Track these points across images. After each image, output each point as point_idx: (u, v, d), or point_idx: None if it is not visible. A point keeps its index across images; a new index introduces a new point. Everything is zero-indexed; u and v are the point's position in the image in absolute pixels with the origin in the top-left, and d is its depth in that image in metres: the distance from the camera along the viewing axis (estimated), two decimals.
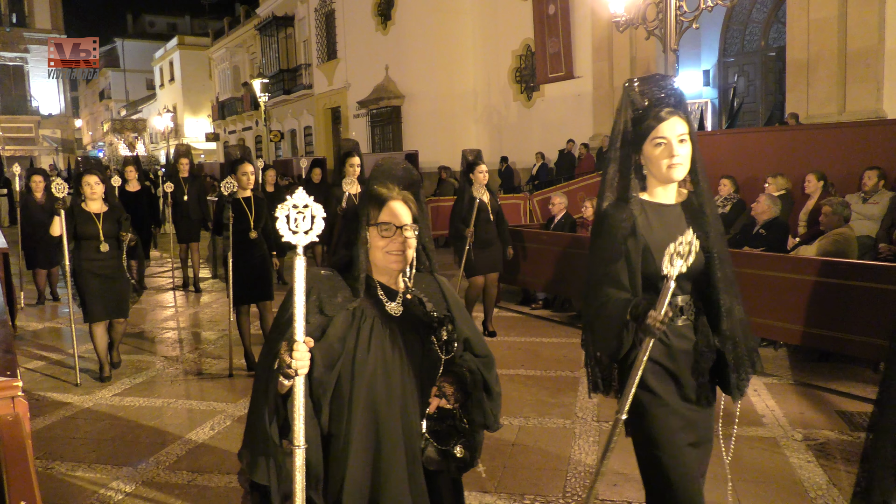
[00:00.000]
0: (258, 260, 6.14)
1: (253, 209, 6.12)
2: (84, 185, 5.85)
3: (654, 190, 2.49)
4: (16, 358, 2.59)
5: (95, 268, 5.87)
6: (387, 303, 2.05)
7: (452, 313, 2.11)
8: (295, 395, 1.72)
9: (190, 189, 10.11)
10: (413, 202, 2.07)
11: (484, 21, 20.86)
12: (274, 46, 31.53)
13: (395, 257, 2.01)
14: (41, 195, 9.34)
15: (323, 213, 1.68)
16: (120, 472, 4.32)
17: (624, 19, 8.39)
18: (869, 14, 11.33)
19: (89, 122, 66.97)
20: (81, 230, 5.83)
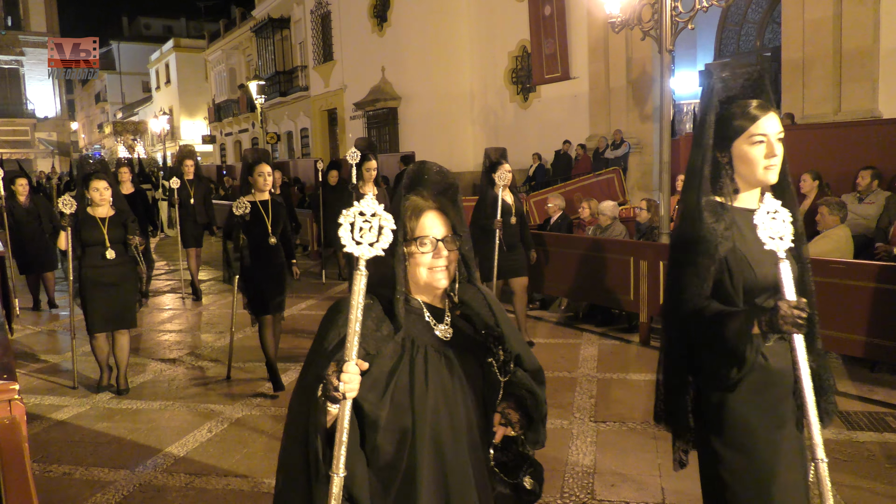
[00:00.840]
0: (276, 269, 5.72)
1: (270, 213, 5.67)
2: (92, 191, 5.55)
3: (741, 193, 2.24)
4: (13, 361, 2.59)
5: (100, 275, 5.57)
6: (435, 326, 1.86)
7: (502, 328, 1.92)
8: (339, 420, 1.55)
9: (196, 191, 9.79)
10: (451, 209, 1.88)
11: (480, 22, 20.87)
12: (270, 48, 31.51)
13: (440, 274, 1.82)
14: (25, 199, 9.15)
15: (393, 224, 1.52)
16: (117, 474, 4.31)
17: (619, 20, 8.40)
18: (864, 14, 11.36)
19: (85, 125, 66.87)
20: (86, 236, 5.55)
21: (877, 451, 4.30)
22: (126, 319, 5.75)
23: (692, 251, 2.16)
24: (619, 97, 16.24)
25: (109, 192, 5.61)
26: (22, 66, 41.81)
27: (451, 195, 1.89)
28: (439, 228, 1.83)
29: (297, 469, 1.70)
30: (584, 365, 6.27)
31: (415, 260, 1.81)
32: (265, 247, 5.63)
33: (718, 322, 2.07)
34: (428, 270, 1.81)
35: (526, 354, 1.95)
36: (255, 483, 4.12)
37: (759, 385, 2.13)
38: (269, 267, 5.67)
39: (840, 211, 6.32)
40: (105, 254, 5.55)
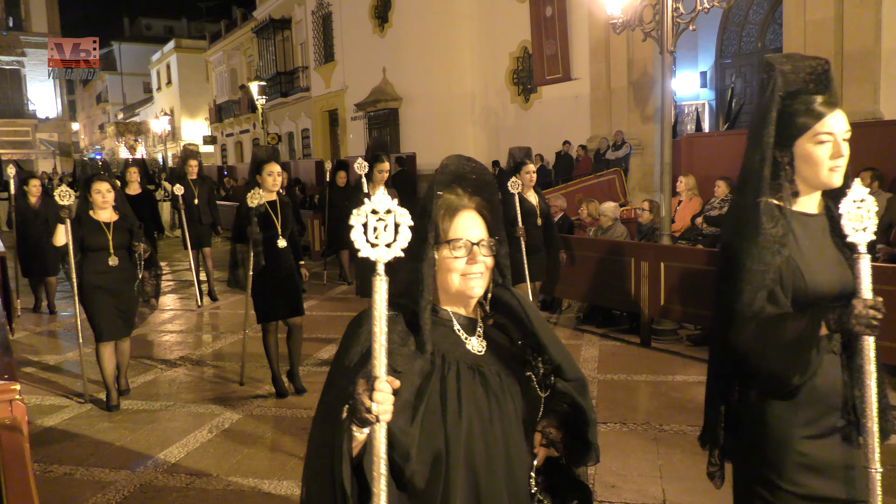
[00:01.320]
0: (286, 271, 5.51)
1: (279, 214, 5.48)
2: (94, 193, 5.28)
3: (800, 197, 2.08)
4: (14, 361, 2.59)
5: (104, 282, 5.32)
6: (467, 339, 1.67)
7: (540, 336, 1.72)
8: (374, 448, 1.35)
9: (200, 192, 9.70)
10: (487, 210, 1.69)
11: (481, 23, 20.88)
12: (271, 49, 31.53)
13: (475, 282, 1.63)
14: (36, 200, 9.02)
15: (409, 220, 1.36)
16: (118, 475, 4.31)
17: (621, 21, 8.40)
18: (866, 15, 11.36)
19: (86, 126, 66.93)
20: (90, 241, 5.29)
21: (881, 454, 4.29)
22: (130, 326, 5.61)
23: (747, 257, 2.00)
24: (621, 98, 16.24)
25: (112, 195, 5.34)
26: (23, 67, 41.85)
27: (488, 194, 1.71)
28: (475, 230, 1.65)
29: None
30: (585, 366, 6.27)
31: (446, 265, 1.63)
32: (275, 249, 5.43)
33: (779, 324, 1.93)
34: (461, 277, 1.62)
35: (567, 364, 1.76)
36: (256, 484, 4.12)
37: (801, 400, 2.00)
38: (279, 270, 5.45)
39: None
40: (108, 260, 5.31)
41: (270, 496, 3.97)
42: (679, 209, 8.80)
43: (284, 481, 4.13)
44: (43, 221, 8.87)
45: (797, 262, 2.00)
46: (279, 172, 5.55)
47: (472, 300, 1.69)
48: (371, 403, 1.33)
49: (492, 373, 1.65)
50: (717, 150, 9.67)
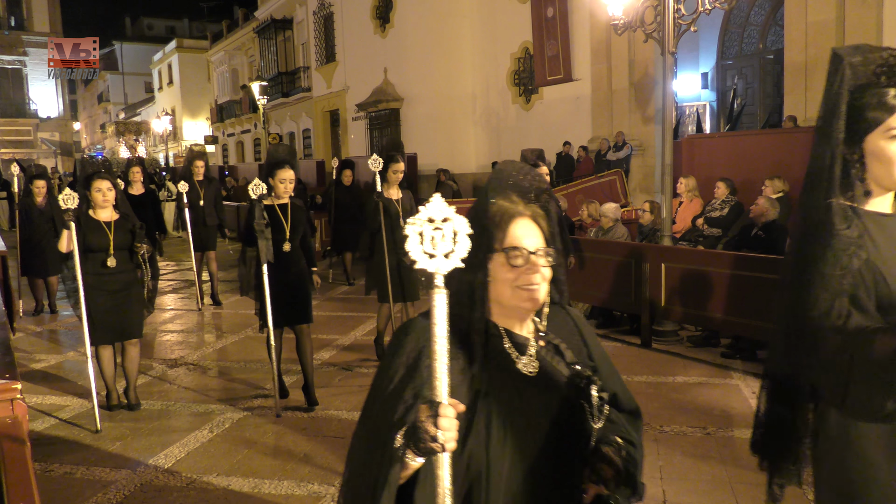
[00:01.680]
0: (295, 277, 5.33)
1: (290, 218, 5.30)
2: (94, 192, 5.11)
3: (873, 197, 1.94)
4: (15, 361, 2.60)
5: (104, 283, 5.14)
6: (517, 359, 1.55)
7: (596, 362, 1.63)
8: (439, 479, 1.26)
9: (206, 193, 9.51)
10: (544, 218, 1.59)
11: (482, 24, 20.88)
12: (272, 49, 31.54)
13: (529, 294, 1.51)
14: (42, 200, 8.93)
15: (468, 228, 1.26)
16: (119, 474, 4.31)
17: (622, 22, 8.40)
18: (867, 17, 11.36)
19: (88, 126, 66.99)
20: (90, 241, 5.08)
21: None
22: (133, 330, 5.34)
23: (819, 262, 1.84)
24: (622, 99, 16.24)
25: (113, 194, 5.17)
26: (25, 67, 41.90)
27: (544, 201, 1.61)
28: (532, 239, 1.54)
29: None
30: None
31: (500, 276, 1.51)
32: (284, 254, 5.24)
33: (868, 339, 1.74)
34: (516, 289, 1.51)
35: (624, 394, 1.66)
36: (256, 484, 4.12)
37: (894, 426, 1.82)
38: (287, 275, 5.25)
39: None
40: (108, 261, 5.11)
41: (271, 496, 3.98)
42: (680, 210, 8.79)
43: (285, 481, 4.13)
44: (48, 221, 8.84)
45: (878, 266, 1.83)
46: (292, 180, 5.30)
47: (527, 315, 1.58)
48: (437, 431, 1.23)
49: (541, 397, 1.54)
50: (719, 152, 9.66)
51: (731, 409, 5.11)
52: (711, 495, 3.90)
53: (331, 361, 6.65)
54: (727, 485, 3.97)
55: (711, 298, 6.41)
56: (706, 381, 5.68)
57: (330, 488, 4.03)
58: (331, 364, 6.57)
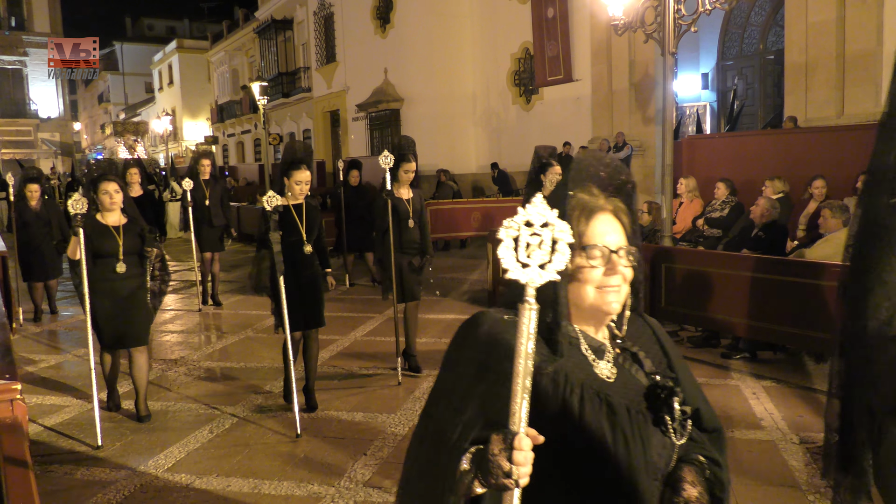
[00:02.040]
0: (309, 279, 5.22)
1: (304, 219, 5.17)
2: (102, 194, 4.95)
3: None
4: (15, 361, 2.60)
5: (113, 289, 4.99)
6: (595, 363, 1.44)
7: (678, 373, 1.51)
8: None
9: (212, 192, 9.25)
10: (626, 213, 1.48)
11: (483, 24, 20.90)
12: (273, 50, 31.56)
13: (612, 296, 1.41)
14: (36, 203, 8.77)
15: (570, 236, 1.14)
16: (118, 474, 4.31)
17: (622, 23, 8.40)
18: (867, 17, 11.36)
19: (88, 126, 66.99)
20: (98, 246, 4.91)
21: None
22: (140, 336, 5.18)
23: (884, 268, 1.73)
24: (622, 100, 16.25)
25: (121, 197, 5.02)
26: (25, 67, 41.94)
27: (626, 194, 1.50)
28: (614, 236, 1.43)
29: None
30: None
31: (581, 275, 1.40)
32: (300, 256, 5.13)
33: None
34: (596, 290, 1.41)
35: (706, 409, 1.53)
36: (256, 485, 4.12)
37: None
38: (303, 278, 5.16)
39: (843, 214, 6.31)
40: (117, 267, 4.95)
41: (271, 497, 3.97)
42: (680, 211, 8.80)
43: (285, 482, 4.13)
44: (45, 224, 8.75)
45: None
46: (308, 181, 5.19)
47: (606, 317, 1.47)
48: (510, 467, 1.13)
49: (620, 405, 1.41)
50: (719, 152, 9.67)
51: (731, 410, 5.11)
52: None
53: (331, 362, 6.65)
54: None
55: (711, 299, 6.41)
56: (706, 381, 5.68)
57: (330, 489, 4.03)
58: (331, 364, 6.57)
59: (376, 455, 4.48)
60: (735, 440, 4.60)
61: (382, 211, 5.93)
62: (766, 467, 4.19)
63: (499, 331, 1.36)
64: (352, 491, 4.00)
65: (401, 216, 6.03)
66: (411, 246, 6.11)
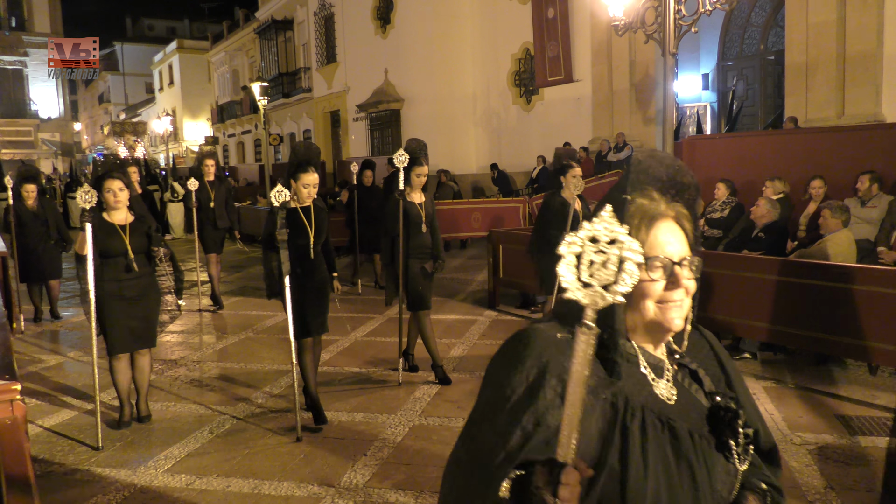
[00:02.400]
0: (317, 283, 5.04)
1: (313, 221, 5.00)
2: (106, 192, 4.80)
3: None
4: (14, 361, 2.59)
5: (122, 289, 4.85)
6: (654, 382, 1.32)
7: (737, 392, 1.40)
8: None
9: (217, 194, 9.07)
10: (688, 220, 1.36)
11: (483, 24, 20.91)
12: (273, 50, 31.58)
13: (675, 312, 1.30)
14: (33, 203, 8.62)
15: (640, 256, 1.03)
16: (118, 474, 4.31)
17: (623, 23, 8.41)
18: (868, 18, 11.36)
19: (88, 126, 67.03)
20: (105, 246, 4.78)
21: (878, 456, 4.29)
22: (149, 337, 5.09)
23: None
24: (622, 100, 16.26)
25: (126, 195, 4.88)
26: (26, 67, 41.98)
27: (689, 199, 1.38)
28: (676, 246, 1.32)
29: None
30: None
31: (641, 289, 1.27)
32: (307, 260, 4.95)
33: None
34: (658, 305, 1.30)
35: (763, 429, 1.42)
36: (256, 485, 4.11)
37: None
38: (311, 282, 4.99)
39: (843, 214, 6.31)
40: (128, 266, 4.84)
41: (271, 497, 3.97)
42: None
43: (285, 482, 4.13)
44: (42, 223, 8.63)
45: None
46: (316, 184, 5.02)
47: (665, 335, 1.34)
48: (554, 502, 1.03)
49: (683, 429, 1.28)
50: (719, 153, 9.66)
51: None
52: None
53: (331, 362, 6.65)
54: None
55: (712, 300, 6.40)
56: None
57: (329, 489, 4.03)
58: (331, 365, 6.56)
59: (376, 456, 4.48)
60: None
61: (394, 214, 5.72)
62: None
63: (553, 352, 1.24)
64: (351, 492, 4.00)
65: (413, 221, 5.79)
66: (423, 251, 5.88)
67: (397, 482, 4.11)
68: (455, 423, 4.97)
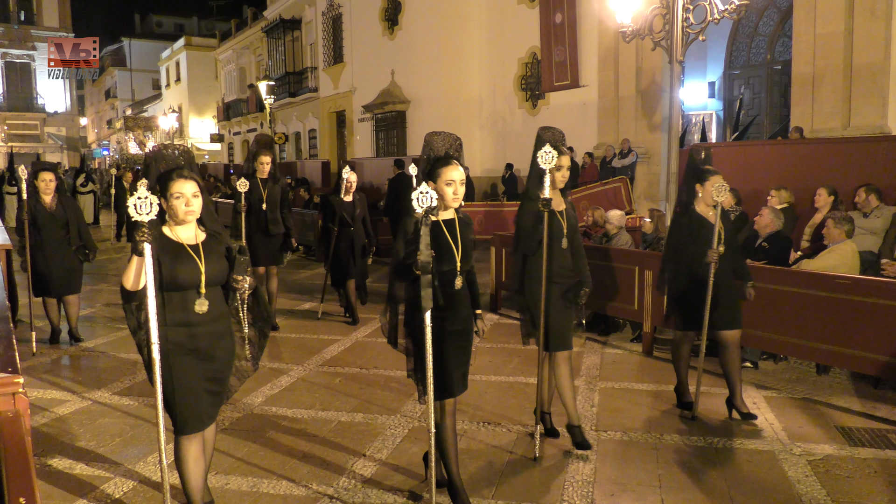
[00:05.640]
0: (463, 323, 3.73)
1: (459, 238, 3.66)
2: (173, 198, 3.24)
3: None
4: (16, 354, 2.60)
5: (193, 339, 3.28)
6: None
7: None
8: None
9: (269, 195, 7.50)
10: None
11: (491, 28, 20.93)
12: (280, 49, 31.64)
13: None
14: (51, 200, 7.05)
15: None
16: (119, 469, 4.32)
17: (630, 30, 8.41)
18: (875, 29, 11.36)
19: (94, 121, 67.20)
20: (173, 274, 3.21)
21: (878, 468, 4.28)
22: (219, 404, 3.54)
23: None
24: (628, 106, 16.26)
25: (200, 202, 3.31)
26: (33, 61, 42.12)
27: None
28: None
29: None
30: (587, 373, 6.26)
31: None
32: (451, 291, 3.57)
33: None
34: None
35: None
36: (255, 483, 4.12)
37: None
38: (454, 321, 3.65)
39: (846, 225, 6.31)
40: (196, 304, 3.27)
41: (269, 496, 3.98)
42: None
43: (284, 481, 4.13)
44: (62, 226, 7.09)
45: None
46: (463, 181, 3.67)
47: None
48: None
49: None
50: (724, 161, 9.64)
51: (732, 419, 5.10)
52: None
53: (331, 362, 6.66)
54: (726, 495, 3.97)
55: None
56: (707, 390, 5.67)
57: (328, 488, 4.03)
58: (331, 365, 6.57)
59: (375, 456, 4.48)
60: (735, 449, 4.60)
61: (530, 225, 4.47)
62: (766, 477, 4.18)
63: None
64: (350, 491, 4.00)
65: (553, 234, 4.42)
66: (564, 274, 4.56)
67: (396, 482, 4.11)
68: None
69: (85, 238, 7.23)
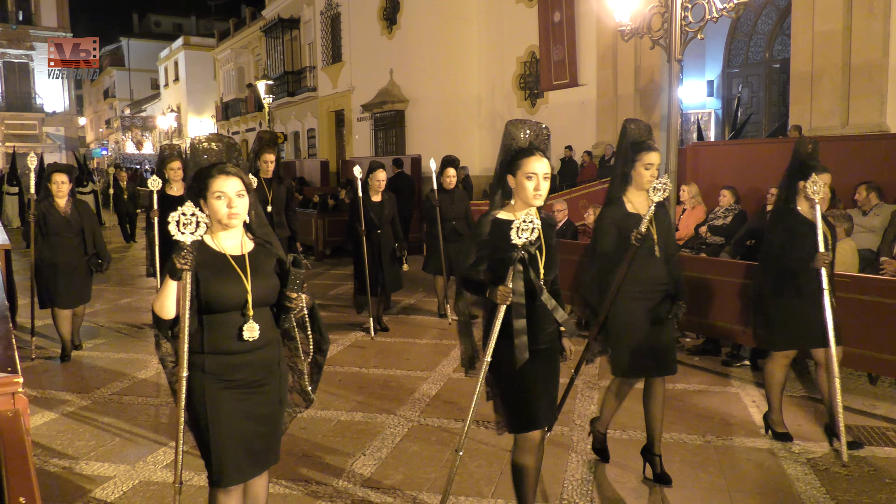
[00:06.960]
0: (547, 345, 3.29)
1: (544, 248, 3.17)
2: (214, 198, 2.67)
3: None
4: (16, 354, 2.60)
5: (235, 370, 2.73)
6: None
7: None
8: None
9: (275, 196, 7.09)
10: None
11: (489, 27, 20.91)
12: (279, 48, 31.61)
13: None
14: (65, 202, 6.53)
15: None
16: (117, 469, 4.32)
17: (629, 28, 8.41)
18: (874, 28, 11.36)
19: (93, 121, 67.14)
20: (213, 292, 2.66)
21: (879, 466, 4.29)
22: (274, 453, 2.95)
23: None
24: (627, 105, 16.26)
25: (245, 203, 2.73)
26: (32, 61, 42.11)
27: None
28: None
29: None
30: (586, 371, 6.26)
31: None
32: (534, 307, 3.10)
33: None
34: None
35: None
36: None
37: None
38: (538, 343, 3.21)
39: (845, 222, 6.31)
40: (244, 330, 2.69)
41: (269, 496, 3.97)
42: (683, 218, 8.79)
43: (283, 480, 4.14)
44: (76, 233, 6.61)
45: None
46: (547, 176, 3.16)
47: None
48: None
49: None
50: (723, 160, 9.65)
51: (731, 418, 5.11)
52: (709, 503, 3.90)
53: (331, 362, 6.66)
54: (725, 493, 3.97)
55: (713, 307, 6.40)
56: (706, 388, 5.68)
57: (328, 488, 4.03)
58: (330, 364, 6.57)
59: (375, 455, 4.48)
60: (734, 448, 4.60)
61: (607, 234, 4.04)
62: (765, 476, 4.19)
63: None
64: (350, 491, 4.00)
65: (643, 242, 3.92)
66: (656, 288, 3.98)
67: (396, 482, 4.11)
68: (454, 425, 4.97)
69: (99, 247, 6.82)
